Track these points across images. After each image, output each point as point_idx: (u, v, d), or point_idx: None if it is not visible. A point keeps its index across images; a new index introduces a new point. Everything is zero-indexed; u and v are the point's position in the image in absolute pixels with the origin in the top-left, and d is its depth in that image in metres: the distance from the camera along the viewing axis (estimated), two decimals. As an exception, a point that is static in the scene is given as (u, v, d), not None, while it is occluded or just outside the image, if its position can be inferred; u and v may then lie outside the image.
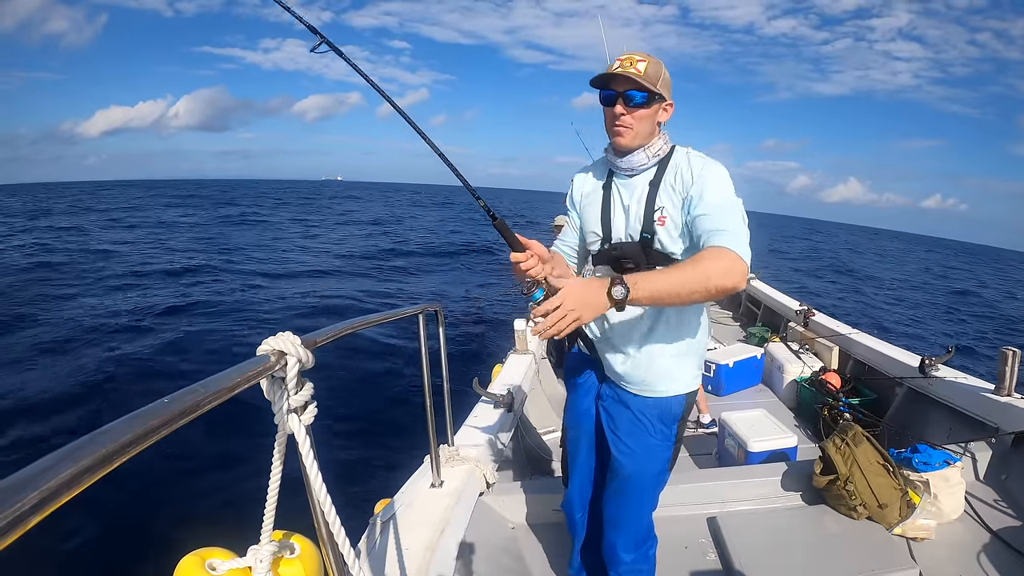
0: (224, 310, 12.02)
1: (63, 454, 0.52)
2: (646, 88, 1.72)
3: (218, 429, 6.71)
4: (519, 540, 2.79)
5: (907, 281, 29.91)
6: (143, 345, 9.39)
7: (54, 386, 7.91)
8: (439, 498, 2.45)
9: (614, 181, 1.92)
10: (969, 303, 23.35)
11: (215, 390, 0.78)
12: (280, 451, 1.01)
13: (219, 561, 0.98)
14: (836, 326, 5.37)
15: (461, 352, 9.38)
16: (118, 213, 38.98)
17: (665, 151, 1.85)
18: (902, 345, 4.61)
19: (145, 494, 5.52)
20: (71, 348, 9.29)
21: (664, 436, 1.95)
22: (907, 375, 4.02)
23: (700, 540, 2.72)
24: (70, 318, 10.92)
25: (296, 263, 19.44)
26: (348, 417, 7.20)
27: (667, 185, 1.79)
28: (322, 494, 1.02)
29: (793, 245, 52.82)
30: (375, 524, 2.23)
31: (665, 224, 1.77)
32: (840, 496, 2.68)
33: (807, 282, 22.50)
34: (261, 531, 1.02)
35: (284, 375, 0.94)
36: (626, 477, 1.98)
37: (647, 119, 1.78)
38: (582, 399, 2.14)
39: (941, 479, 2.65)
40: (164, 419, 0.66)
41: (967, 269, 48.77)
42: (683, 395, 1.95)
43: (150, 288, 14.15)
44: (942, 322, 17.88)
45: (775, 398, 5.01)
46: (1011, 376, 3.11)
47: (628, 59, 1.75)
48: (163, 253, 20.23)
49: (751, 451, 3.42)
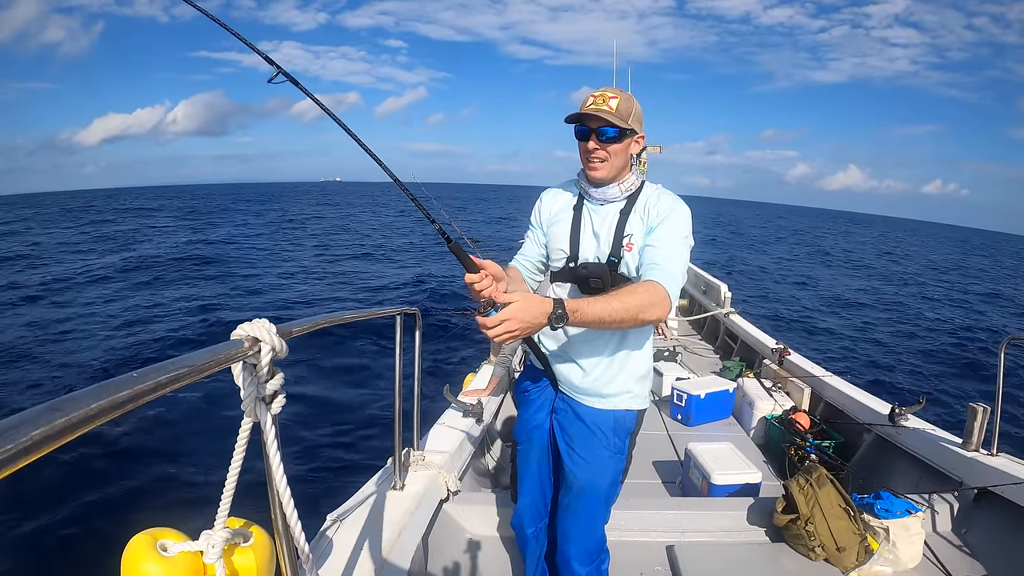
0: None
1: (25, 418, 0.51)
2: (617, 125, 1.81)
3: (184, 411, 6.64)
4: (476, 550, 2.77)
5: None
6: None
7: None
8: (399, 501, 2.43)
9: (585, 204, 2.01)
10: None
11: (185, 369, 0.77)
12: (244, 438, 0.99)
13: (171, 542, 0.96)
14: (810, 367, 5.41)
15: (435, 358, 9.36)
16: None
17: (636, 186, 1.96)
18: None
19: (103, 470, 5.45)
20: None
21: (617, 448, 2.03)
22: (876, 422, 4.06)
23: (656, 568, 2.72)
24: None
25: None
26: (316, 412, 7.16)
27: (636, 215, 1.91)
28: (282, 485, 1.01)
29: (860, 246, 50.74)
30: (333, 521, 2.21)
31: (632, 249, 1.88)
32: (800, 536, 2.69)
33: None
34: (216, 517, 1.00)
35: (256, 362, 0.94)
36: (579, 489, 2.03)
37: (620, 153, 1.89)
38: (535, 414, 2.18)
39: (901, 527, 2.67)
40: (131, 393, 0.65)
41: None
42: (635, 411, 2.05)
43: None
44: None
45: (744, 433, 5.03)
46: (979, 431, 3.15)
47: (601, 96, 1.85)
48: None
49: (715, 483, 3.42)
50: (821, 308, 17.64)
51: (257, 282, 16.51)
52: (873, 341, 13.85)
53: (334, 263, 21.11)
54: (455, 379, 4.91)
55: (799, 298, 19.33)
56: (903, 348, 13.33)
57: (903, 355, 12.65)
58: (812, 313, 16.71)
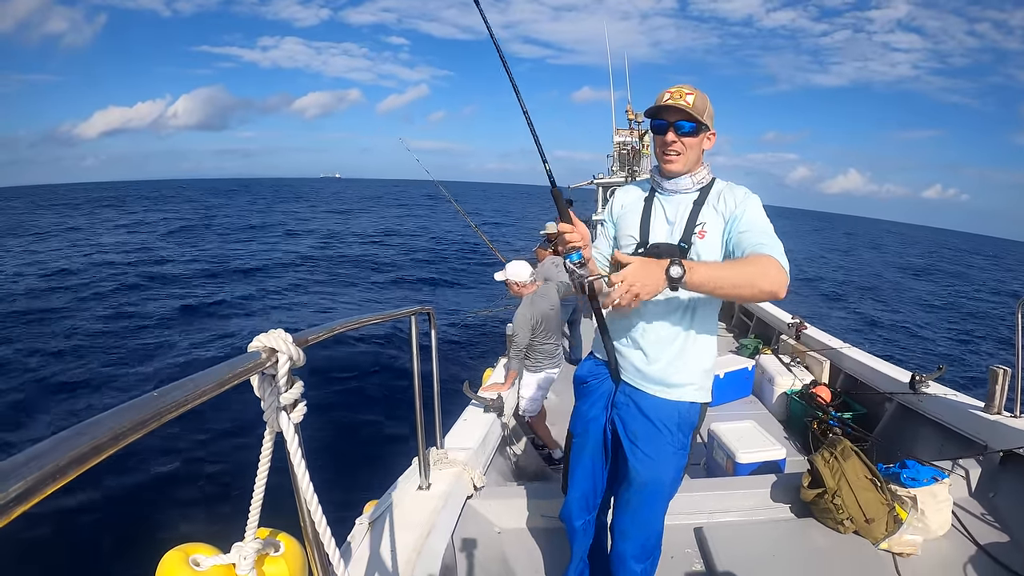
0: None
1: (51, 444, 0.52)
2: (694, 119, 1.84)
3: (207, 425, 6.69)
4: (505, 545, 2.78)
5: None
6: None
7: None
8: (426, 501, 2.45)
9: (657, 196, 2.02)
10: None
11: (205, 386, 0.78)
12: (268, 449, 1.00)
13: (203, 557, 0.98)
14: (828, 340, 5.38)
15: (453, 355, 9.38)
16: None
17: (708, 180, 1.97)
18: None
19: (132, 488, 5.50)
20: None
21: (680, 444, 1.99)
22: (897, 391, 4.03)
23: (687, 550, 2.72)
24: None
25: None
26: (338, 417, 7.19)
27: (710, 205, 1.90)
28: (309, 493, 1.02)
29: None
30: (361, 525, 2.22)
31: (704, 238, 1.86)
32: (827, 510, 2.68)
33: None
34: (246, 528, 1.01)
35: (275, 372, 0.94)
36: (642, 484, 1.99)
37: (695, 147, 1.90)
38: (592, 406, 2.14)
39: (929, 495, 2.65)
40: (154, 412, 0.66)
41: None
42: (699, 404, 2.01)
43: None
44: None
45: (765, 410, 5.02)
46: (1001, 394, 3.12)
47: (678, 91, 1.87)
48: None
49: (739, 462, 3.42)
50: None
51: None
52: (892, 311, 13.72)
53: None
54: (474, 375, 4.91)
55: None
56: (921, 318, 13.20)
57: (921, 324, 12.52)
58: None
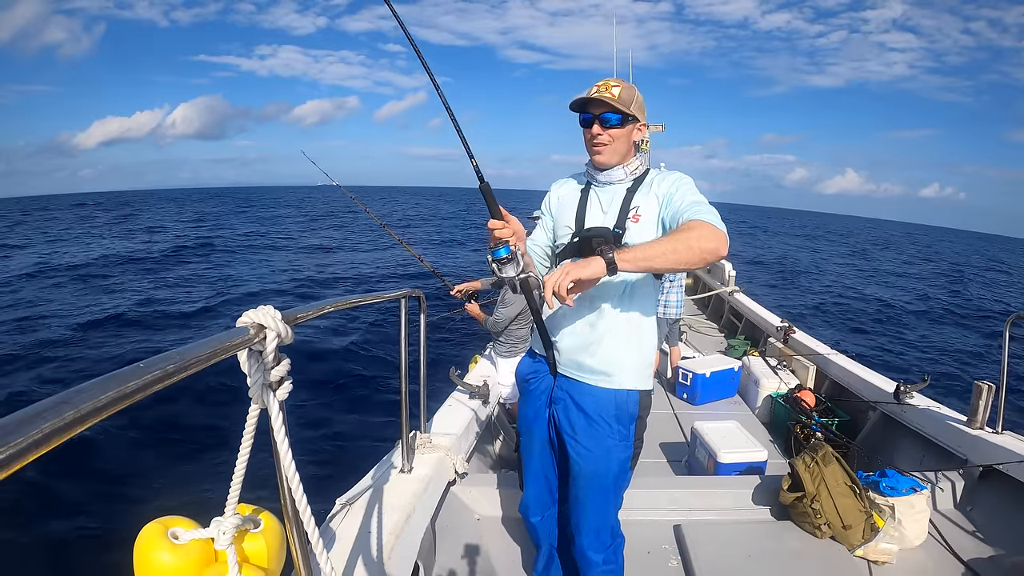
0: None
1: (36, 411, 0.51)
2: (620, 110, 1.87)
3: (191, 399, 6.66)
4: (484, 532, 2.79)
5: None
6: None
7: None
8: (407, 484, 2.45)
9: (592, 188, 2.05)
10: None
11: (192, 358, 0.77)
12: (252, 425, 0.99)
13: (182, 530, 0.97)
14: (815, 345, 5.41)
15: (441, 341, 9.37)
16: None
17: (642, 170, 2.01)
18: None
19: (113, 460, 5.48)
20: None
21: (622, 436, 1.99)
22: (881, 400, 4.06)
23: (664, 547, 2.74)
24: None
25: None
26: (323, 397, 7.19)
27: (644, 191, 1.94)
28: (291, 471, 1.01)
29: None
30: (342, 505, 2.22)
31: (639, 222, 1.90)
32: (805, 514, 2.71)
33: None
34: (226, 503, 1.01)
35: (262, 349, 0.93)
36: (586, 479, 2.00)
37: (622, 138, 1.93)
38: (533, 403, 2.16)
39: (906, 505, 2.68)
40: (139, 384, 0.65)
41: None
42: (638, 392, 2.00)
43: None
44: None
45: (749, 411, 5.05)
46: (984, 409, 3.14)
47: (604, 85, 1.91)
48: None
49: (721, 462, 3.44)
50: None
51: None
52: (878, 321, 13.81)
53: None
54: (461, 362, 4.91)
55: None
56: (908, 327, 13.29)
57: (907, 334, 12.60)
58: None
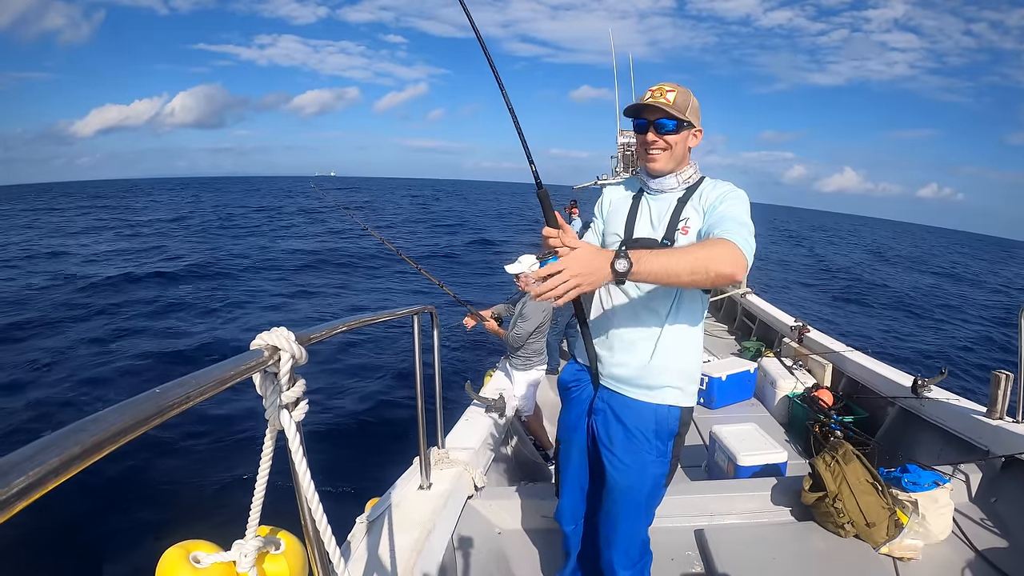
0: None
1: (52, 440, 0.52)
2: (675, 116, 1.82)
3: (208, 423, 6.69)
4: (505, 545, 2.78)
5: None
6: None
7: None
8: (427, 500, 2.45)
9: (644, 196, 2.01)
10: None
11: (207, 382, 0.78)
12: (269, 447, 1.00)
13: (203, 554, 0.98)
14: (830, 343, 5.37)
15: (455, 355, 9.37)
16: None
17: (695, 179, 1.95)
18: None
19: (132, 485, 5.49)
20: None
21: (660, 452, 1.94)
22: (899, 395, 4.03)
23: (687, 552, 2.72)
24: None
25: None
26: (339, 416, 7.19)
27: (694, 202, 1.88)
28: (310, 491, 1.01)
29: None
30: (362, 524, 2.22)
31: (688, 233, 1.84)
32: (828, 513, 2.68)
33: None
34: (247, 526, 1.01)
35: (277, 370, 0.94)
36: (620, 492, 1.96)
37: (678, 145, 1.88)
38: (573, 412, 2.13)
39: (930, 500, 2.65)
40: (156, 409, 0.66)
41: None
42: (679, 408, 1.95)
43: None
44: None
45: (767, 413, 5.01)
46: (1003, 399, 3.12)
47: (659, 89, 1.86)
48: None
49: (740, 465, 3.41)
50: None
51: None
52: (892, 317, 13.71)
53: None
54: (476, 376, 4.91)
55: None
56: (925, 321, 13.18)
57: (923, 328, 12.50)
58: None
